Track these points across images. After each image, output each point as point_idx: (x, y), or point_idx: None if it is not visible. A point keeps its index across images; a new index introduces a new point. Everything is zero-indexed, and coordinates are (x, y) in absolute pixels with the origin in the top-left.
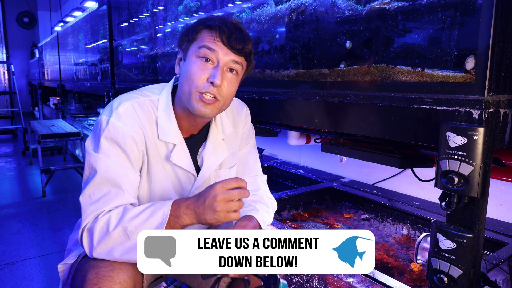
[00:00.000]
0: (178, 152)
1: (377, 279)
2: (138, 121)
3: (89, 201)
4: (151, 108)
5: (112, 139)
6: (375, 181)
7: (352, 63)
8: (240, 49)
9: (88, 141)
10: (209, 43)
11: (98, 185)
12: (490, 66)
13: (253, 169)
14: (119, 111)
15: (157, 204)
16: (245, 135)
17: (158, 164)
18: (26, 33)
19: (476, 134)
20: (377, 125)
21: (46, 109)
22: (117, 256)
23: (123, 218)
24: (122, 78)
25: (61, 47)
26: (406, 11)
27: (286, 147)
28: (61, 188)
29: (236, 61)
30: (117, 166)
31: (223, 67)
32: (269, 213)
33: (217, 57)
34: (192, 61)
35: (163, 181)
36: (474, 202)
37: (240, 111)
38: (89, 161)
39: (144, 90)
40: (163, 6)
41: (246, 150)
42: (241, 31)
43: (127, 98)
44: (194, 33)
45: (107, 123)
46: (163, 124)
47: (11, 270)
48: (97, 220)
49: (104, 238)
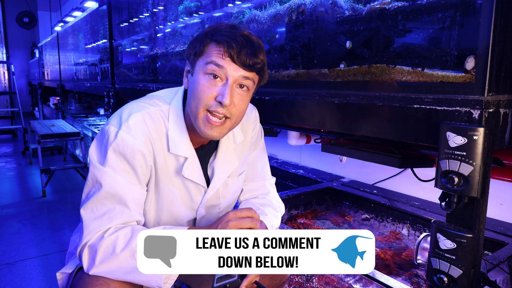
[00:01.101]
0: (190, 166)
1: (377, 279)
2: (148, 134)
3: (92, 216)
4: (162, 119)
5: (121, 153)
6: (375, 181)
7: (352, 63)
8: (251, 65)
9: (92, 150)
10: (216, 59)
11: (102, 200)
12: (490, 66)
13: (262, 173)
14: (129, 123)
15: (169, 230)
16: (254, 138)
17: (166, 178)
18: (26, 33)
19: (476, 134)
20: (377, 125)
21: (46, 109)
22: (118, 275)
23: (132, 242)
24: (122, 78)
25: (61, 47)
26: (406, 11)
27: (286, 147)
28: (61, 188)
29: (246, 77)
30: (124, 182)
31: (232, 85)
32: (277, 217)
33: (225, 73)
34: (200, 78)
35: (171, 194)
36: (474, 202)
37: (249, 115)
38: (93, 173)
39: (154, 99)
40: (163, 6)
41: (255, 154)
42: (252, 44)
43: (137, 108)
44: (201, 46)
45: (116, 136)
46: (174, 137)
47: (11, 270)
48: (103, 239)
49: (109, 258)
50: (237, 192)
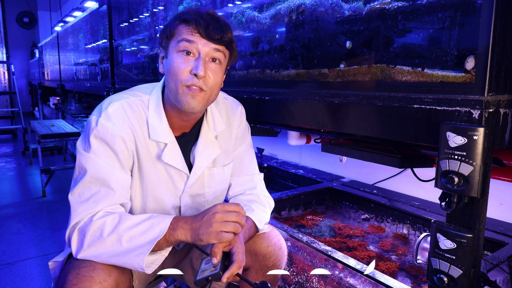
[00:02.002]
0: (170, 151)
1: (377, 279)
2: (127, 121)
3: (78, 200)
4: (142, 108)
5: (102, 138)
6: (375, 181)
7: (352, 63)
8: (219, 39)
9: (79, 140)
10: (187, 35)
11: (87, 184)
12: (490, 66)
13: (250, 168)
14: (108, 111)
15: (156, 218)
16: (240, 134)
17: (149, 164)
18: (26, 33)
19: (476, 134)
20: (377, 125)
21: (46, 109)
22: (104, 259)
23: (119, 226)
24: (122, 78)
25: (61, 47)
26: (406, 11)
27: (286, 147)
28: (61, 188)
29: (217, 49)
30: (107, 166)
31: (204, 58)
32: (265, 212)
33: (197, 48)
34: (174, 57)
35: (155, 180)
36: (474, 202)
37: (235, 110)
38: (79, 160)
39: (135, 90)
40: (163, 6)
41: (242, 149)
42: (218, 21)
43: (117, 98)
44: (172, 28)
45: (97, 123)
46: (154, 124)
47: (11, 270)
48: (91, 222)
49: (96, 242)
50: (224, 184)
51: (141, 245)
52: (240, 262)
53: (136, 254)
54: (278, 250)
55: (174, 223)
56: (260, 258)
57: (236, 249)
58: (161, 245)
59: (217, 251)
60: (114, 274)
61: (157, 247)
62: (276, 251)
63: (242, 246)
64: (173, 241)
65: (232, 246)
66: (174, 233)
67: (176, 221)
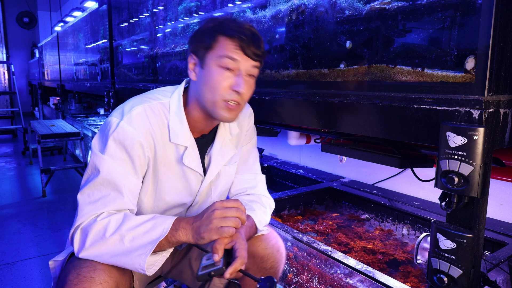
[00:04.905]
0: (190, 154)
1: (377, 279)
2: (148, 126)
3: (87, 200)
4: (162, 112)
5: (120, 142)
6: (375, 181)
7: (352, 63)
8: (258, 55)
9: (95, 140)
10: (231, 53)
11: (98, 186)
12: (490, 66)
13: (253, 167)
14: (131, 114)
15: (158, 218)
16: (248, 134)
17: (166, 167)
18: (26, 33)
19: (476, 134)
20: (377, 125)
21: (46, 109)
22: (106, 259)
23: (122, 227)
24: (122, 78)
25: (61, 47)
26: (406, 11)
27: (286, 147)
28: (61, 188)
29: (255, 66)
30: (121, 170)
31: (244, 74)
32: (266, 213)
33: (238, 66)
34: (213, 70)
35: (170, 183)
36: (474, 202)
37: (244, 111)
38: (93, 160)
39: (155, 93)
40: (163, 6)
41: (247, 148)
42: (258, 37)
43: (139, 101)
44: (212, 40)
45: (117, 126)
46: (175, 127)
47: (11, 270)
48: (95, 222)
49: (99, 242)
50: (228, 184)
51: (143, 245)
52: (243, 258)
53: (138, 254)
54: (276, 252)
55: (176, 224)
56: (258, 260)
57: (239, 246)
58: (163, 246)
59: (218, 247)
60: (115, 275)
61: (158, 248)
62: (274, 253)
63: (245, 243)
64: (175, 242)
65: (234, 243)
66: (176, 234)
67: (178, 222)
